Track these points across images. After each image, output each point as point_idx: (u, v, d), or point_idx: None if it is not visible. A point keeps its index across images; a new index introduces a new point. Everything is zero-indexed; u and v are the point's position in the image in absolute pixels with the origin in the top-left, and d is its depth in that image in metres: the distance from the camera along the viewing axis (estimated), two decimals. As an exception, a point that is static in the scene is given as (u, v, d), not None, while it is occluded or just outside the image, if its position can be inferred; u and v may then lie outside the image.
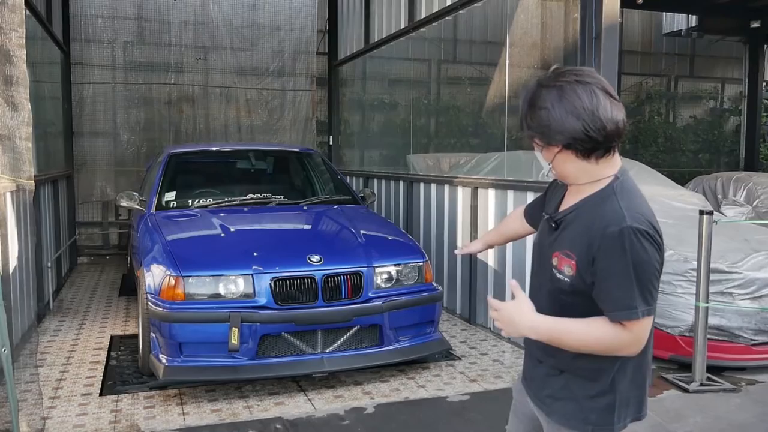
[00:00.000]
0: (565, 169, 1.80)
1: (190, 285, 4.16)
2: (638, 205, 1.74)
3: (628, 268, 1.66)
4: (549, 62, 5.61)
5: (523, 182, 5.38)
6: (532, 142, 1.83)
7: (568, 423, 1.85)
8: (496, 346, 5.36)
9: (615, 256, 1.67)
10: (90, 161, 9.32)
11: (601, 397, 1.82)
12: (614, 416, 1.82)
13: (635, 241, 1.66)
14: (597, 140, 1.72)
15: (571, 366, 1.84)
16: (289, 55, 10.01)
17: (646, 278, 1.67)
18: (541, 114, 1.75)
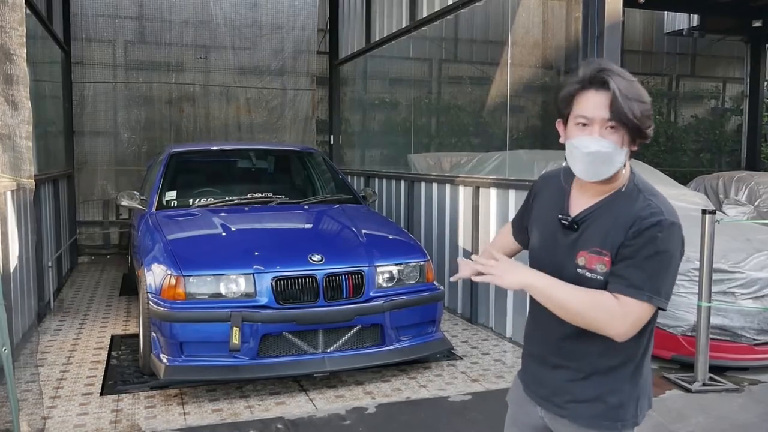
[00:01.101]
0: (627, 166, 1.78)
1: (191, 284, 4.15)
2: (667, 203, 1.75)
3: (655, 254, 1.65)
4: (551, 61, 5.60)
5: (525, 181, 5.36)
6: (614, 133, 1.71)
7: (598, 424, 1.82)
8: (498, 346, 5.35)
9: (647, 244, 1.67)
10: (91, 161, 9.30)
11: (625, 393, 1.81)
12: (637, 409, 1.83)
13: (670, 234, 1.67)
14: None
15: (596, 366, 1.81)
16: (289, 54, 10.00)
17: (666, 269, 1.67)
18: (650, 108, 1.73)
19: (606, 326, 1.69)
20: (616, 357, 1.79)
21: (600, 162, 1.72)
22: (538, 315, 1.91)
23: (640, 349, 1.81)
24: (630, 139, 1.72)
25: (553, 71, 6.61)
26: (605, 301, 1.68)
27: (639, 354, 1.81)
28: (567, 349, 1.84)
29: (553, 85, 7.24)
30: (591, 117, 1.72)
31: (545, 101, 7.80)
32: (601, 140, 1.71)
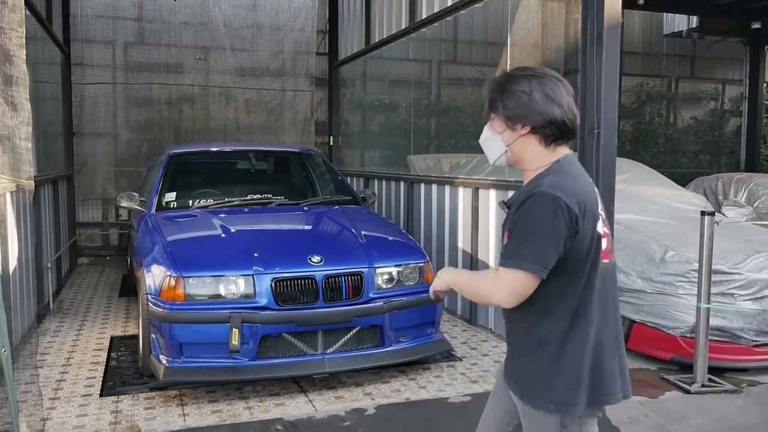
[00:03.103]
0: (523, 153, 1.98)
1: (190, 285, 4.15)
2: (560, 181, 1.88)
3: (523, 224, 1.84)
4: (550, 62, 5.60)
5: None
6: (492, 124, 2.02)
7: (535, 404, 1.96)
8: (498, 347, 5.35)
9: (519, 217, 1.86)
10: (90, 162, 9.30)
11: (558, 377, 1.92)
12: (576, 396, 1.91)
13: (537, 202, 1.82)
14: (567, 129, 1.94)
15: (524, 347, 1.99)
16: (288, 55, 10.00)
17: (529, 235, 1.82)
18: (519, 96, 1.93)
19: (491, 297, 1.91)
20: (534, 338, 1.95)
21: (484, 145, 2.07)
22: None
23: (556, 332, 1.92)
24: (509, 126, 1.97)
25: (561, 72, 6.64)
26: (488, 276, 1.91)
27: (556, 338, 1.92)
28: (508, 331, 2.07)
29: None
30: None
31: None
32: (485, 129, 2.06)
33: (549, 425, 1.95)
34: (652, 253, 5.15)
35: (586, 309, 1.93)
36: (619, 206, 5.72)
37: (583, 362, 1.92)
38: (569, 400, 1.92)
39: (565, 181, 1.89)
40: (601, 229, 1.96)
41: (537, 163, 1.97)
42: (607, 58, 4.29)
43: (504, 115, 1.98)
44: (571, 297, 1.92)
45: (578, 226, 1.85)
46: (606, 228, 2.00)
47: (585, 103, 4.46)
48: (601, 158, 4.36)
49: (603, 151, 4.35)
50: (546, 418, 1.95)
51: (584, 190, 1.92)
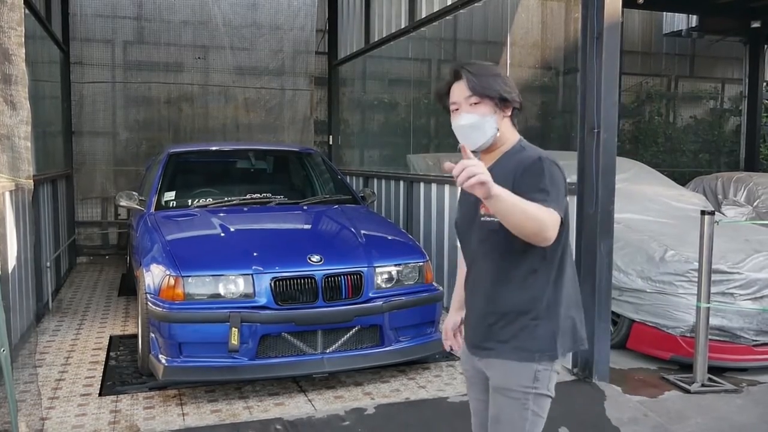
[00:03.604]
0: (507, 132, 2.21)
1: (189, 285, 4.14)
2: (545, 151, 2.15)
3: (552, 180, 2.04)
4: (550, 62, 5.60)
5: (524, 182, 5.35)
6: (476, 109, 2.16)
7: (518, 356, 2.16)
8: (497, 347, 5.34)
9: (537, 173, 2.06)
10: (89, 161, 9.29)
11: (541, 328, 2.15)
12: (556, 344, 2.16)
13: (550, 164, 2.07)
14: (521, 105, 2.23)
15: (510, 303, 2.17)
16: (288, 54, 9.99)
17: (558, 188, 2.04)
18: (507, 80, 2.19)
19: (546, 227, 1.96)
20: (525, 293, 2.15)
21: (471, 131, 2.16)
22: (472, 269, 2.29)
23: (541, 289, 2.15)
24: (498, 107, 2.17)
25: (552, 72, 6.61)
26: (543, 210, 1.96)
27: (542, 293, 2.15)
28: (490, 297, 2.20)
29: (553, 86, 7.23)
30: (457, 101, 2.21)
31: (545, 102, 7.79)
32: (467, 115, 2.17)
33: (523, 375, 2.16)
34: (651, 253, 5.14)
35: (566, 265, 2.18)
36: (618, 205, 5.69)
37: (562, 313, 2.17)
38: (552, 348, 2.16)
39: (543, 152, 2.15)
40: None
41: (510, 142, 2.22)
42: (607, 57, 4.28)
43: (500, 98, 2.16)
44: (554, 255, 2.14)
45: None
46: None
47: (585, 102, 4.45)
48: (601, 157, 4.34)
49: (603, 150, 4.33)
50: (522, 368, 2.16)
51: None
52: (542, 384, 2.17)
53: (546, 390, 2.18)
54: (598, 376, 4.47)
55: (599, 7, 4.27)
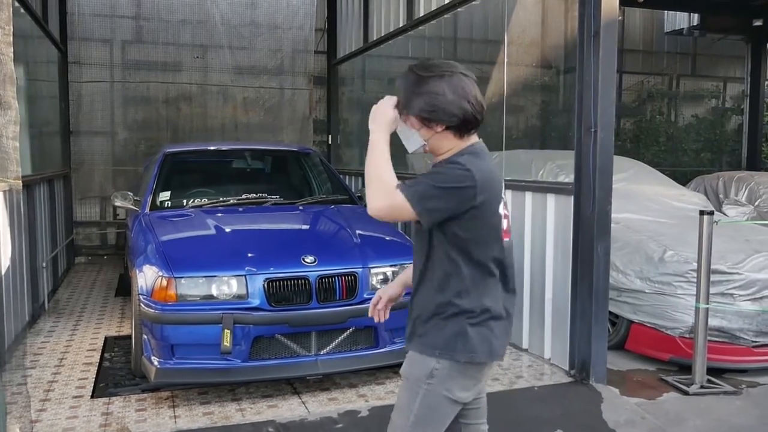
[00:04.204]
0: (441, 146, 2.16)
1: (182, 286, 4.10)
2: (473, 159, 2.09)
3: (434, 174, 2.07)
4: (548, 60, 5.55)
5: (521, 182, 5.31)
6: (408, 122, 2.16)
7: (420, 349, 2.20)
8: (494, 348, 5.30)
9: (433, 170, 2.12)
10: (88, 160, 9.26)
11: (448, 329, 2.15)
12: (457, 348, 2.15)
13: (452, 166, 2.07)
14: (477, 121, 2.15)
15: (427, 302, 2.19)
16: (287, 53, 9.95)
17: (435, 181, 2.02)
18: (433, 98, 2.09)
19: (375, 198, 2.06)
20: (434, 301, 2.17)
21: (402, 138, 2.19)
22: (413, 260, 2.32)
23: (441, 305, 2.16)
24: (423, 124, 2.13)
25: (551, 70, 6.56)
26: (392, 187, 2.03)
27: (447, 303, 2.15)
28: (416, 292, 2.25)
29: (551, 85, 7.18)
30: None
31: (544, 101, 7.75)
32: (400, 124, 2.18)
33: (421, 367, 2.19)
34: (650, 253, 5.09)
35: (484, 275, 2.16)
36: (618, 205, 5.66)
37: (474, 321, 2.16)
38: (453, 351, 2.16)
39: (475, 159, 2.10)
40: (502, 211, 2.18)
41: (451, 152, 2.17)
42: (605, 55, 4.24)
43: (419, 116, 2.13)
44: (468, 264, 2.13)
45: (477, 199, 2.05)
46: (506, 210, 2.22)
47: (582, 102, 4.41)
48: (598, 157, 4.30)
49: (600, 149, 4.29)
50: (421, 361, 2.20)
51: (490, 171, 2.13)
52: (438, 382, 2.17)
53: (443, 390, 2.17)
54: (595, 378, 4.43)
55: (596, 5, 4.23)
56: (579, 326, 4.54)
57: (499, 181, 2.18)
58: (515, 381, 4.57)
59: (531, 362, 4.96)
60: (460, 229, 2.10)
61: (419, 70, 2.14)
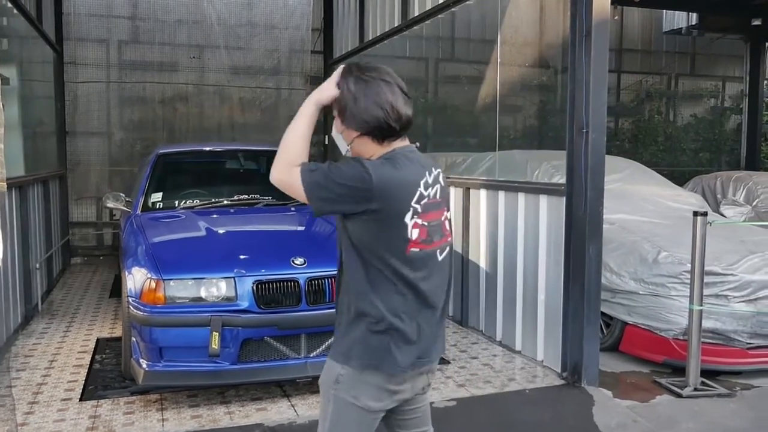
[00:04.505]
0: (362, 151, 2.12)
1: (170, 288, 4.07)
2: (380, 165, 2.04)
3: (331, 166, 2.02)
4: (540, 60, 5.52)
5: (514, 183, 5.28)
6: (335, 124, 2.14)
7: (331, 355, 2.20)
8: (487, 350, 5.27)
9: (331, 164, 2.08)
10: (84, 161, 9.24)
11: (349, 336, 2.13)
12: (352, 356, 2.11)
13: (351, 166, 2.01)
14: (393, 129, 2.08)
15: (338, 305, 2.22)
16: (283, 53, 9.92)
17: (333, 174, 1.99)
18: (348, 103, 2.07)
19: (275, 166, 2.06)
20: (343, 303, 2.18)
21: (336, 142, 2.19)
22: None
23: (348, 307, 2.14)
24: (345, 128, 2.11)
25: (548, 70, 6.51)
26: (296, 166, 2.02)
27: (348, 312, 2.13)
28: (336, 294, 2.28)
29: (549, 84, 7.14)
30: None
31: (542, 100, 7.70)
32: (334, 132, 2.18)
33: (329, 373, 2.18)
34: (645, 254, 5.06)
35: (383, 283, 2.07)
36: (612, 206, 5.64)
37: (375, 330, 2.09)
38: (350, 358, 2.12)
39: (384, 165, 2.04)
40: (412, 220, 2.05)
41: (374, 157, 2.11)
42: (596, 55, 4.20)
43: (339, 119, 2.13)
44: (365, 270, 2.07)
45: (372, 204, 1.99)
46: (423, 220, 2.08)
47: (574, 102, 4.38)
48: (589, 158, 4.26)
49: (592, 150, 4.26)
50: (329, 367, 2.19)
51: (400, 179, 2.04)
52: (344, 389, 2.13)
53: (349, 397, 2.12)
54: (587, 381, 4.40)
55: (588, 4, 4.20)
56: (571, 328, 4.51)
57: (411, 191, 2.05)
58: (507, 384, 4.54)
59: (524, 364, 4.93)
60: (360, 230, 2.05)
61: (344, 71, 2.12)
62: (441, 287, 2.19)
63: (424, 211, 2.08)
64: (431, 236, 2.11)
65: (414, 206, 2.05)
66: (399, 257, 2.06)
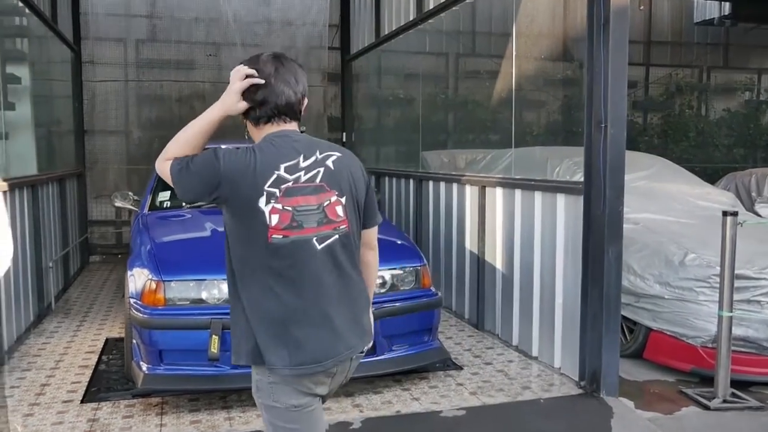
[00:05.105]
0: (252, 135, 2.19)
1: (171, 289, 3.96)
2: (238, 152, 2.03)
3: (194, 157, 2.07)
4: (557, 52, 5.29)
5: (531, 181, 5.05)
6: None
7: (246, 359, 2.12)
8: (503, 355, 5.06)
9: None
10: (102, 159, 9.23)
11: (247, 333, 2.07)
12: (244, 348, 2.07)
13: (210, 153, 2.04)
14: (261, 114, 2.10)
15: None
16: (300, 50, 9.79)
17: (190, 162, 2.04)
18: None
19: (163, 152, 2.11)
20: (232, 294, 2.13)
21: None
22: None
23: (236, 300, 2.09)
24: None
25: (567, 62, 6.26)
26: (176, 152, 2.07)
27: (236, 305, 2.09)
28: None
29: (569, 78, 6.88)
30: None
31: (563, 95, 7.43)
32: None
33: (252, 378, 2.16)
34: (670, 256, 4.80)
35: (245, 276, 2.05)
36: (637, 205, 5.39)
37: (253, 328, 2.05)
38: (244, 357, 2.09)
39: (240, 152, 2.03)
40: (269, 205, 1.99)
41: (257, 140, 2.14)
42: (615, 46, 3.96)
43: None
44: (234, 265, 2.07)
45: (219, 189, 1.99)
46: (284, 205, 2.01)
47: (592, 95, 4.14)
48: (608, 154, 4.03)
49: (611, 146, 4.02)
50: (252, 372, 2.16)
51: (252, 163, 2.01)
52: (264, 395, 2.10)
53: (271, 401, 2.09)
54: (606, 390, 4.16)
55: (606, -8, 3.95)
56: (589, 335, 4.28)
57: (264, 175, 2.01)
58: (521, 392, 4.33)
59: (540, 372, 4.71)
60: (228, 221, 2.07)
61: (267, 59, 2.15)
62: (324, 278, 2.07)
63: (285, 195, 2.01)
64: (299, 222, 2.02)
65: (268, 190, 2.00)
66: (262, 245, 2.00)
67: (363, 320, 2.25)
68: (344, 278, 2.13)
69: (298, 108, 2.16)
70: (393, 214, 8.02)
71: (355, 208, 2.19)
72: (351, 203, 2.16)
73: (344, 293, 2.12)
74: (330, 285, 2.08)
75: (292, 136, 2.12)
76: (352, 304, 2.17)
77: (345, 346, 2.13)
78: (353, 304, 2.18)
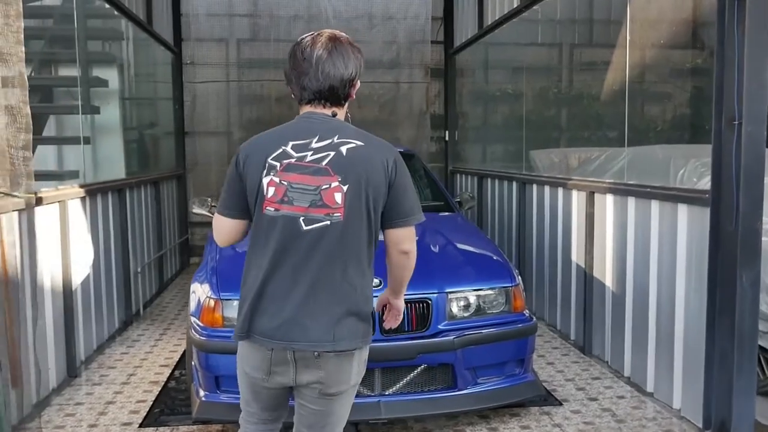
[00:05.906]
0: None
1: (231, 309, 3.63)
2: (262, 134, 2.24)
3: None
4: (679, 37, 4.49)
5: (646, 187, 4.30)
6: None
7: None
8: (611, 389, 4.35)
9: None
10: (203, 161, 9.25)
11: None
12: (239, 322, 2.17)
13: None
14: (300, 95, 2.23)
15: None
16: (402, 45, 9.34)
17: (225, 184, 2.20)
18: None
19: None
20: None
21: None
22: None
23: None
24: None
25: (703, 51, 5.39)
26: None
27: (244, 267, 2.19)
28: None
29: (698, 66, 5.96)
30: None
31: (695, 86, 6.49)
32: None
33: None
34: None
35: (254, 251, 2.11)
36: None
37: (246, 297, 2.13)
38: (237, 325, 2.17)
39: (265, 134, 2.21)
40: (268, 177, 2.06)
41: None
42: (752, 25, 3.18)
43: None
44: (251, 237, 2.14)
45: (240, 168, 2.11)
46: (281, 179, 2.05)
47: (722, 86, 3.38)
48: (743, 158, 3.26)
49: (746, 148, 3.25)
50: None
51: (269, 140, 2.14)
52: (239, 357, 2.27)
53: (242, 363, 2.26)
54: (738, 445, 3.40)
55: (742, -44, 3.19)
56: (717, 375, 3.52)
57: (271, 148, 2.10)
58: (630, 440, 3.65)
59: (655, 413, 3.98)
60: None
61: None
62: (303, 262, 2.04)
63: (285, 170, 2.05)
64: (290, 198, 2.04)
65: (270, 162, 2.06)
66: (259, 216, 2.08)
67: (345, 321, 2.11)
68: (332, 272, 2.06)
69: (343, 93, 2.19)
70: (495, 220, 7.41)
71: (364, 202, 2.09)
72: (357, 195, 2.07)
73: (326, 285, 2.06)
74: (308, 271, 2.05)
75: (320, 117, 2.17)
76: (333, 300, 2.08)
77: (304, 336, 2.06)
78: (336, 300, 2.09)
